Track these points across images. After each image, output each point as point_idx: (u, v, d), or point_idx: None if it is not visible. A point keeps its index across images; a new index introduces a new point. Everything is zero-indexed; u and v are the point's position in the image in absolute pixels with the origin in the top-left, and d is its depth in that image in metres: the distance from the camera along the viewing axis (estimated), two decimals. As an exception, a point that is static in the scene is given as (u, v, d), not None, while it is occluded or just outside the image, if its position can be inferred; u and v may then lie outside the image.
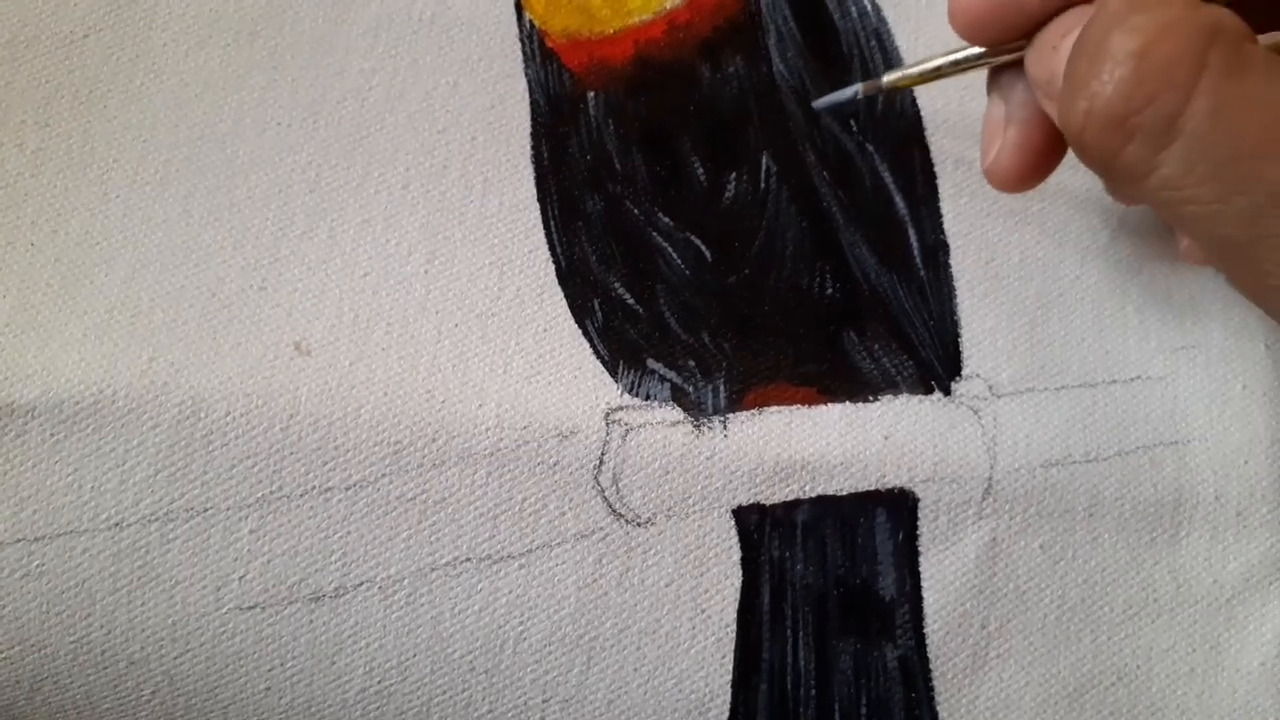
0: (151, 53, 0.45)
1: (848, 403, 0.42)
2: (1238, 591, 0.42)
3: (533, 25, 0.46)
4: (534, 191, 0.45)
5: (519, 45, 0.46)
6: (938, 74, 0.41)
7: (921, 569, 0.41)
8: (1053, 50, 0.36)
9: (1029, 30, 0.37)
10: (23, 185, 0.43)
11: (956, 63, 0.40)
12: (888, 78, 0.42)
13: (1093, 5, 0.34)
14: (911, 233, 0.45)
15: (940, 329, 0.43)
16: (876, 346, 0.43)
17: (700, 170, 0.44)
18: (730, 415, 0.42)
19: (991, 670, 0.41)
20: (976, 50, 0.39)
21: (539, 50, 0.46)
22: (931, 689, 0.41)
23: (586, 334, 0.43)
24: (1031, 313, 0.44)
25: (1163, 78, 0.32)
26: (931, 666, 0.41)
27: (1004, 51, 0.39)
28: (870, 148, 0.45)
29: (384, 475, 0.40)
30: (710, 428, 0.41)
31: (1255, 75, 0.32)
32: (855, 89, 0.43)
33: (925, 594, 0.41)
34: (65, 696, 0.41)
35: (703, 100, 0.45)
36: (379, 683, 0.40)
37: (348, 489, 0.40)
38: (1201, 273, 0.44)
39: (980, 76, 0.41)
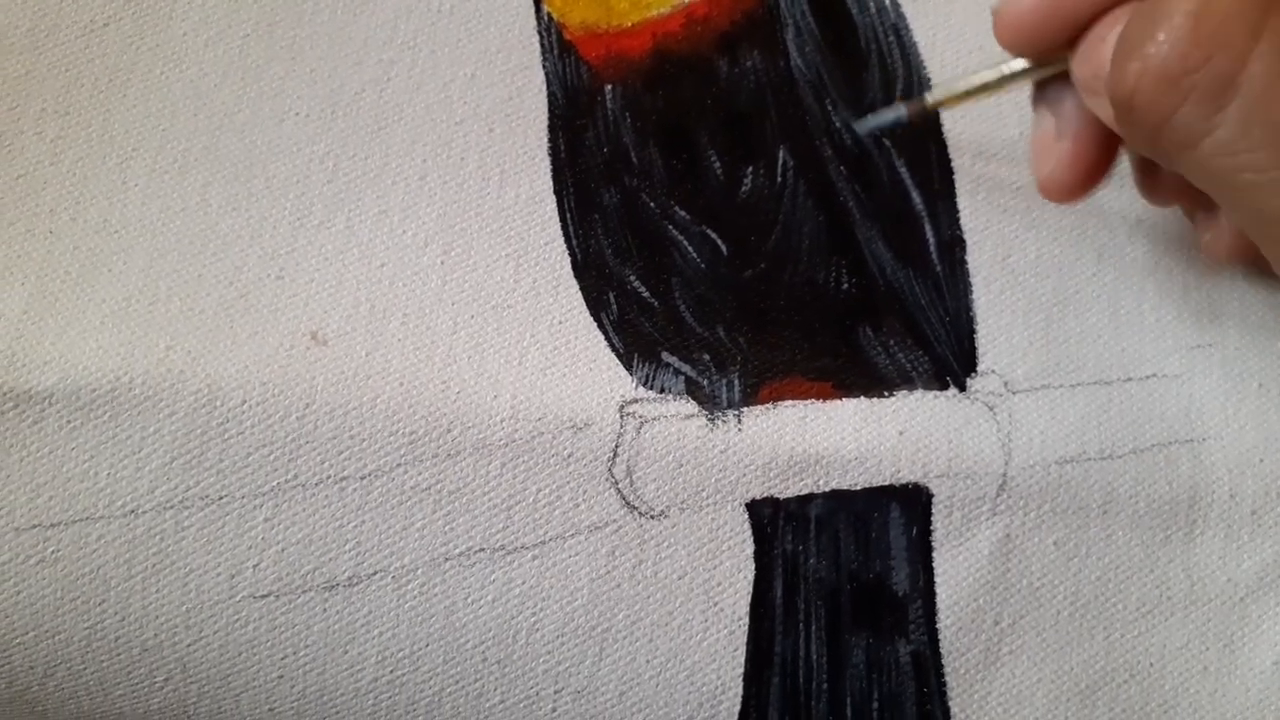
0: (171, 42, 0.46)
1: (863, 398, 0.42)
2: (1252, 590, 0.41)
3: (551, 18, 0.46)
4: (550, 184, 0.45)
5: (537, 38, 0.46)
6: (984, 89, 0.41)
7: (935, 564, 0.41)
8: (1100, 43, 0.36)
9: (1075, 37, 0.37)
10: (42, 173, 0.43)
11: (1002, 77, 0.40)
12: (931, 97, 0.42)
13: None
14: (928, 228, 0.44)
15: (956, 325, 0.43)
16: (892, 342, 0.43)
17: (717, 164, 0.44)
18: (745, 409, 0.42)
19: (1004, 666, 0.41)
20: (1021, 64, 0.39)
21: (557, 43, 0.46)
22: (944, 684, 0.41)
23: (602, 326, 0.43)
24: (1047, 309, 0.44)
25: (1220, 37, 0.32)
26: (944, 662, 0.41)
27: (1049, 64, 0.39)
28: (887, 143, 0.45)
29: (399, 465, 0.40)
30: (724, 421, 0.41)
31: None
32: (900, 111, 0.43)
33: (938, 589, 0.41)
34: (78, 683, 0.41)
35: (720, 94, 0.45)
36: (391, 672, 0.40)
37: (363, 478, 0.40)
38: (1218, 270, 0.44)
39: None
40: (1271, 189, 0.32)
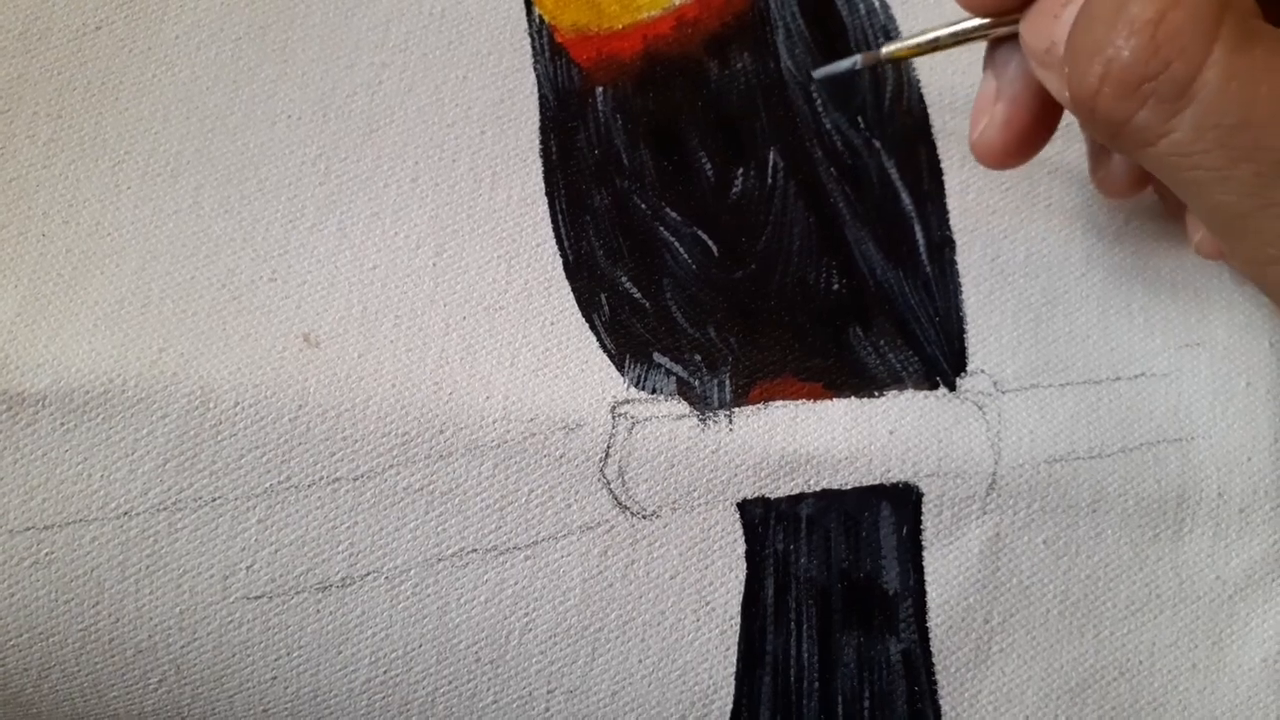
0: (163, 45, 0.46)
1: (853, 398, 0.42)
2: (1240, 588, 0.42)
3: (542, 20, 0.46)
4: (542, 186, 0.45)
5: (528, 40, 0.47)
6: (935, 45, 0.41)
7: (925, 563, 0.41)
8: (1053, 19, 0.37)
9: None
10: (35, 176, 0.44)
11: (955, 34, 0.40)
12: (886, 49, 0.42)
13: None
14: (917, 229, 0.45)
15: (945, 325, 0.44)
16: (882, 342, 0.43)
17: (708, 165, 0.45)
18: (735, 409, 0.42)
19: (994, 664, 0.41)
20: (976, 21, 0.40)
21: (548, 45, 0.46)
22: (934, 682, 0.41)
23: (593, 327, 0.43)
24: (1037, 309, 0.44)
25: (1177, 45, 0.33)
26: (934, 660, 0.41)
27: (1004, 24, 0.39)
28: (877, 144, 0.45)
29: (391, 466, 0.40)
30: (716, 421, 0.42)
31: (1263, 48, 0.33)
32: (855, 59, 0.43)
33: (929, 588, 0.41)
34: (73, 684, 0.41)
35: (711, 96, 0.45)
36: (385, 672, 0.41)
37: (355, 480, 0.40)
38: (1206, 270, 0.44)
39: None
40: (1223, 186, 0.34)
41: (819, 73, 0.45)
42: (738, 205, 0.44)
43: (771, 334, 0.43)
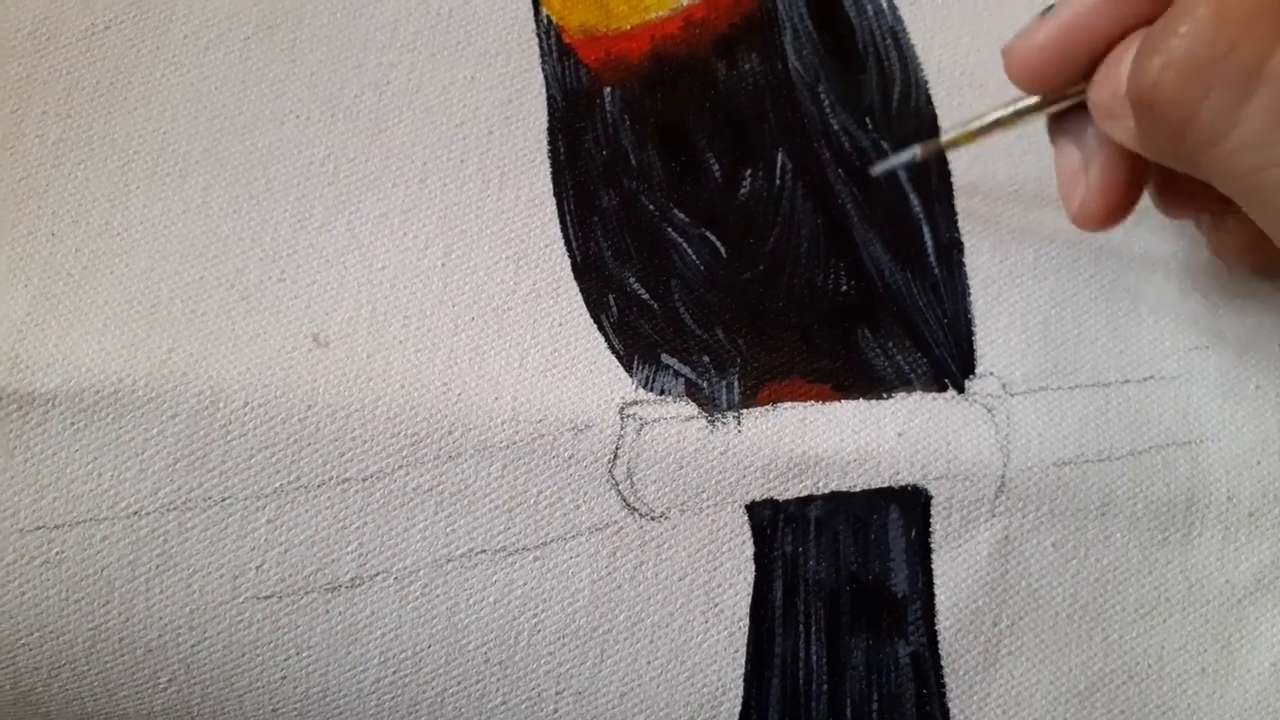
0: (171, 45, 0.46)
1: (861, 400, 0.42)
2: (1249, 592, 0.42)
3: (550, 20, 0.46)
4: (550, 186, 0.45)
5: (536, 40, 0.47)
6: (998, 125, 0.41)
7: (934, 566, 0.41)
8: (1116, 66, 0.36)
9: (1090, 69, 0.37)
10: (44, 175, 0.44)
11: (1017, 112, 0.40)
12: (946, 137, 0.42)
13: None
14: (926, 231, 0.45)
15: (954, 327, 0.44)
16: (890, 344, 0.43)
17: (716, 166, 0.45)
18: (744, 411, 0.42)
19: (1003, 667, 0.41)
20: (1036, 99, 0.40)
21: (556, 45, 0.46)
22: (943, 685, 0.41)
23: (601, 329, 0.43)
24: (1045, 312, 0.44)
25: (1242, 29, 0.32)
26: (943, 663, 0.41)
27: (1066, 97, 0.39)
28: (886, 145, 0.45)
29: (401, 467, 0.41)
30: (724, 423, 0.42)
31: None
32: (914, 151, 0.43)
33: (937, 591, 0.41)
34: (82, 684, 0.41)
35: (719, 97, 0.45)
36: (394, 673, 0.41)
37: (365, 480, 0.40)
38: (1215, 274, 0.44)
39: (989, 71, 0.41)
40: None
41: (877, 169, 0.44)
42: (746, 206, 0.44)
43: (780, 335, 0.43)
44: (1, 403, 0.40)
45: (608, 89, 0.45)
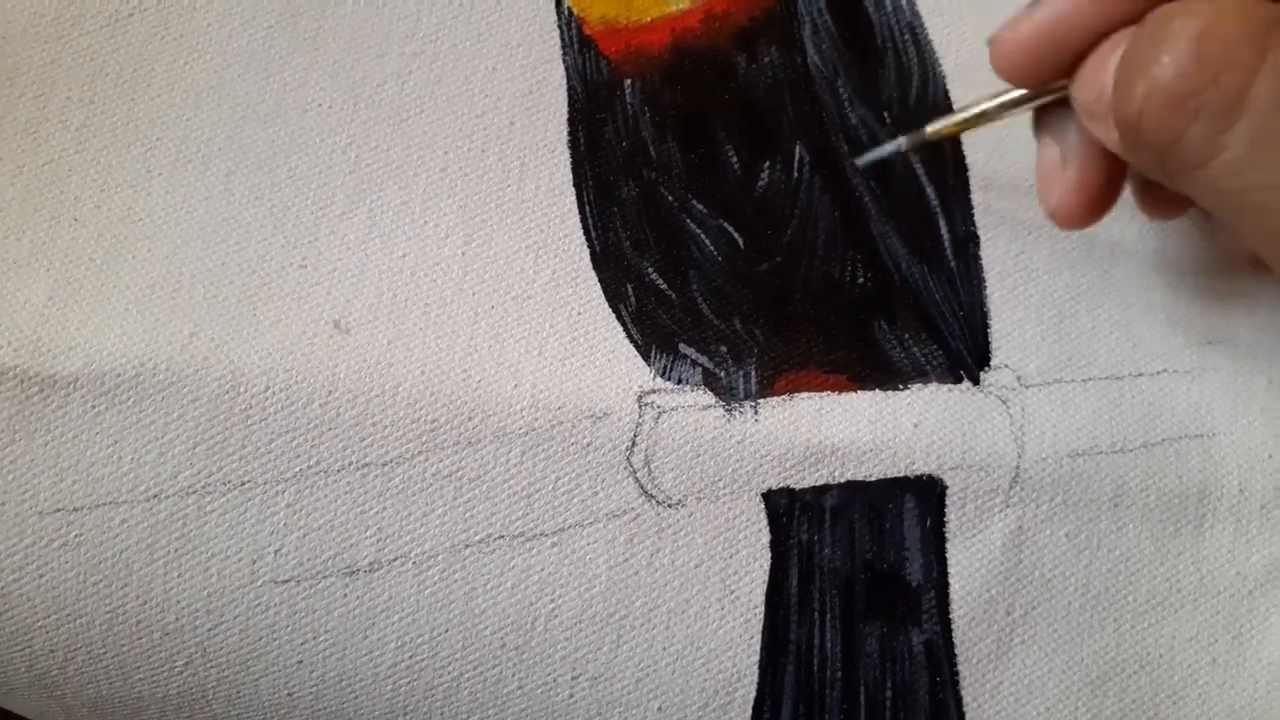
0: (195, 32, 0.46)
1: (878, 390, 0.43)
2: (1260, 584, 0.42)
3: (571, 12, 0.47)
4: (570, 177, 0.45)
5: (557, 32, 0.47)
6: (983, 119, 0.41)
7: (948, 555, 0.42)
8: (1099, 69, 0.36)
9: (1074, 64, 0.37)
10: (67, 161, 0.44)
11: (1002, 105, 0.40)
12: (931, 127, 0.42)
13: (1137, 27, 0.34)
14: (942, 224, 0.45)
15: (970, 319, 0.44)
16: (907, 336, 0.43)
17: (734, 158, 0.45)
18: (761, 400, 0.42)
19: (1016, 656, 0.41)
20: (1021, 92, 0.40)
21: (577, 37, 0.47)
22: (956, 673, 0.41)
23: (620, 318, 0.43)
24: (1060, 305, 0.44)
25: (1225, 57, 0.32)
26: (957, 651, 0.41)
27: (1050, 91, 0.39)
28: (902, 139, 0.45)
29: (420, 452, 0.41)
30: (741, 412, 0.42)
31: None
32: (899, 142, 0.43)
33: (951, 580, 0.42)
34: (99, 666, 0.41)
35: (738, 89, 0.46)
36: (410, 657, 0.41)
37: (384, 465, 0.41)
38: (1227, 269, 0.45)
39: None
40: None
41: (862, 160, 0.45)
42: (764, 198, 0.45)
43: (797, 326, 0.43)
44: (23, 385, 0.40)
45: (628, 81, 0.46)
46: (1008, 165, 0.45)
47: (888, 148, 0.44)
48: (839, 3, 0.47)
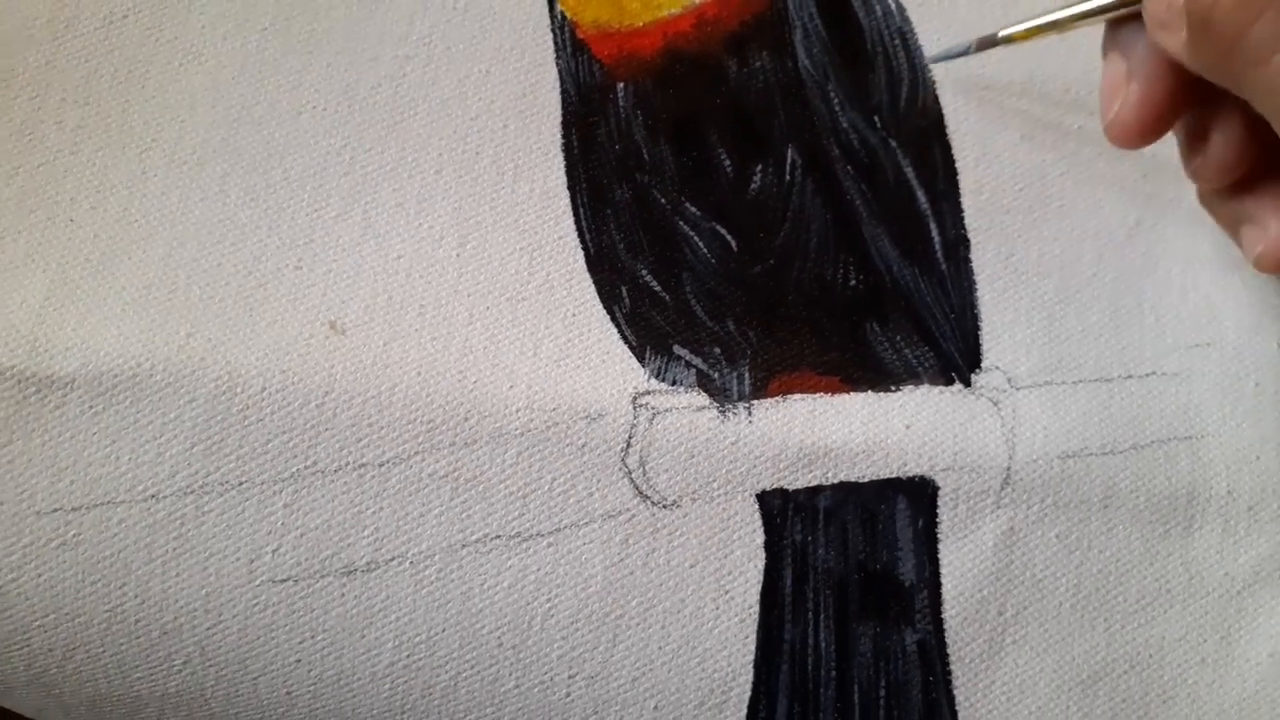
0: (189, 35, 0.46)
1: (870, 392, 0.43)
2: (1248, 584, 0.42)
3: (564, 16, 0.47)
4: (564, 179, 0.45)
5: (550, 36, 0.47)
6: (1055, 27, 0.42)
7: (941, 555, 0.42)
8: None
9: None
10: (62, 162, 0.44)
11: (1076, 15, 0.41)
12: (1004, 31, 0.43)
13: None
14: (933, 227, 0.45)
15: (961, 322, 0.44)
16: (898, 338, 0.44)
17: (727, 162, 0.45)
18: (755, 402, 0.42)
19: (1008, 655, 0.42)
20: (1095, 3, 0.40)
21: (570, 41, 0.47)
22: (949, 672, 0.42)
23: (614, 320, 0.44)
24: (1050, 308, 0.45)
25: None
26: (949, 650, 0.42)
27: (1121, 6, 0.40)
28: (893, 143, 0.46)
29: (417, 453, 0.41)
30: (735, 414, 0.42)
31: None
32: (969, 43, 0.44)
33: (944, 580, 0.42)
34: (97, 665, 0.41)
35: (730, 93, 0.46)
36: (408, 657, 0.41)
37: (381, 465, 0.41)
38: (1216, 272, 0.45)
39: (989, 70, 0.41)
40: None
41: (931, 57, 0.46)
42: (756, 201, 0.45)
43: (790, 328, 0.44)
44: (20, 386, 0.40)
45: (621, 84, 0.46)
46: (997, 169, 0.45)
47: (957, 48, 0.45)
48: (830, 8, 0.47)
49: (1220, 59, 0.36)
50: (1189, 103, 0.40)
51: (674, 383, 0.43)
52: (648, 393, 0.42)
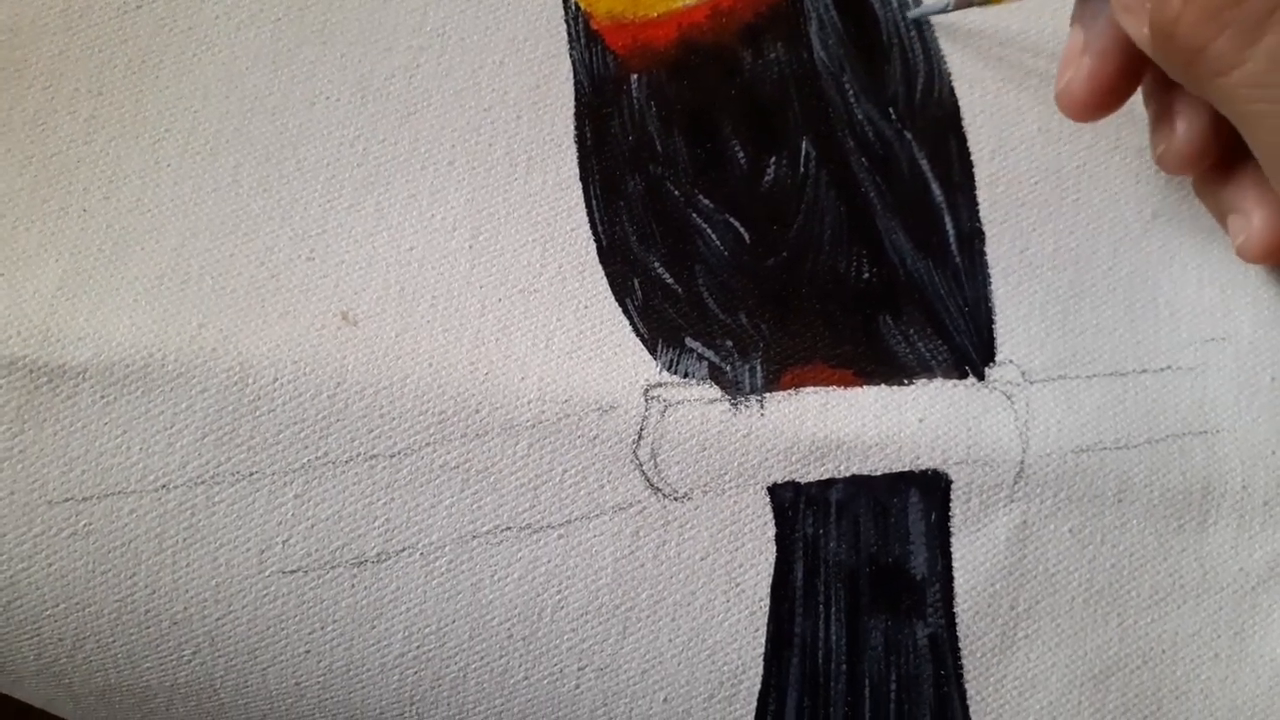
0: (203, 25, 0.46)
1: (883, 385, 0.43)
2: (1263, 579, 0.42)
3: (578, 7, 0.47)
4: (577, 171, 0.45)
5: (564, 26, 0.47)
6: None
7: (953, 549, 0.42)
8: None
9: None
10: (76, 152, 0.44)
11: None
12: None
13: None
14: (948, 220, 0.45)
15: (975, 315, 0.44)
16: (912, 331, 0.44)
17: (740, 153, 0.45)
18: (767, 395, 0.42)
19: (1020, 650, 0.42)
20: None
21: (584, 32, 0.47)
22: (960, 667, 0.42)
23: (626, 312, 0.43)
24: (1064, 301, 0.44)
25: None
26: (961, 645, 0.42)
27: None
28: (909, 135, 0.46)
29: (428, 444, 0.41)
30: (747, 406, 0.42)
31: None
32: (946, 1, 0.44)
33: (956, 574, 0.42)
34: (107, 655, 0.41)
35: (744, 85, 0.46)
36: (418, 648, 0.41)
37: (392, 456, 0.41)
38: (1231, 266, 0.45)
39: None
40: None
41: (914, 13, 0.46)
42: (770, 193, 0.45)
43: (802, 321, 0.43)
44: (32, 375, 0.41)
45: (634, 75, 0.46)
46: (1013, 162, 0.45)
47: (937, 4, 0.45)
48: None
49: (1181, 65, 0.37)
50: (1138, 83, 0.41)
51: (686, 375, 0.42)
52: (660, 385, 0.42)
